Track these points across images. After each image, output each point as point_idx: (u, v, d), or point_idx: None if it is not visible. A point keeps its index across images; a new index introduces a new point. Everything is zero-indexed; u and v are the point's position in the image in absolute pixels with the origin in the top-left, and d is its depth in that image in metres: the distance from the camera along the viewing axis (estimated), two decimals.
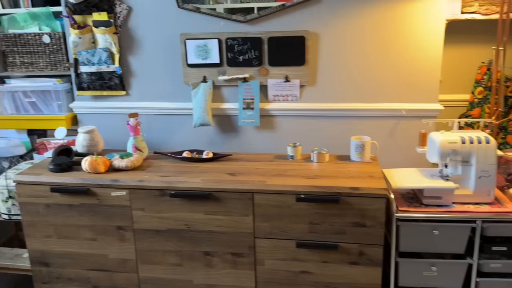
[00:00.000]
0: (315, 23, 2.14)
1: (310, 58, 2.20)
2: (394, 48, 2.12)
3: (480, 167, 1.82)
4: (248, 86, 2.27)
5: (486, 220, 1.77)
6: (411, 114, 2.18)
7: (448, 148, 1.83)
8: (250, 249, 1.92)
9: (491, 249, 1.80)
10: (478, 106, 2.28)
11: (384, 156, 2.23)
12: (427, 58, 2.11)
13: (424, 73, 2.13)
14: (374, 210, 1.78)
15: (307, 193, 1.81)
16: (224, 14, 2.19)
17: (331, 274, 1.89)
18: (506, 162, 2.01)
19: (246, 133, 2.36)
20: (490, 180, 1.83)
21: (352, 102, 2.23)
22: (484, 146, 1.82)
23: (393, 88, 2.18)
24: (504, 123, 2.29)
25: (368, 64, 2.17)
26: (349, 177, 1.90)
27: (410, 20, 2.08)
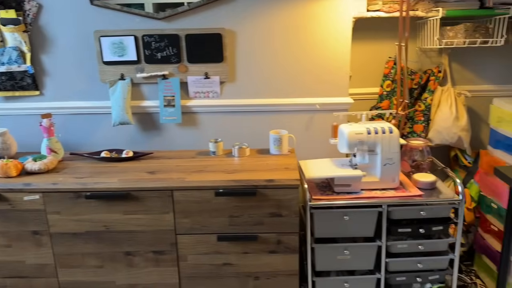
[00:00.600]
0: (231, 21, 2.19)
1: (228, 55, 2.24)
2: (306, 45, 2.22)
3: (385, 155, 1.95)
4: (168, 83, 2.27)
5: (392, 204, 1.91)
6: (324, 108, 2.29)
7: (355, 139, 1.95)
8: (172, 246, 1.94)
9: (397, 231, 1.95)
10: (387, 98, 2.44)
11: (301, 148, 2.33)
12: (337, 54, 2.23)
13: (335, 69, 2.25)
14: (289, 200, 1.86)
15: (225, 187, 1.86)
16: (138, 10, 2.17)
17: (252, 264, 1.95)
18: (411, 150, 2.17)
19: (168, 130, 2.36)
20: (394, 167, 1.97)
21: (270, 97, 2.31)
22: (387, 136, 1.96)
23: (307, 83, 2.28)
24: (410, 113, 2.47)
25: (283, 60, 2.25)
26: (266, 170, 1.97)
27: (319, 18, 2.18)
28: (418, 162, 2.15)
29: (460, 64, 2.51)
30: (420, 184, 2.00)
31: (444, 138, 2.41)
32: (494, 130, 2.29)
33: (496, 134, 2.28)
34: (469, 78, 2.53)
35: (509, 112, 2.13)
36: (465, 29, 2.21)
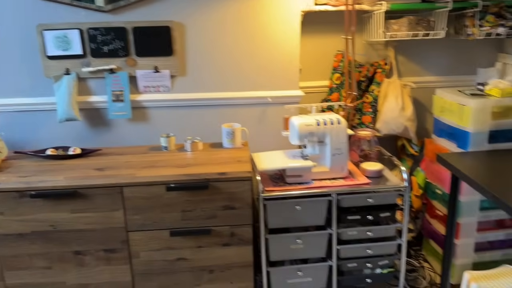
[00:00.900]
0: (180, 13, 2.16)
1: (178, 48, 2.22)
2: (256, 38, 2.23)
3: (334, 145, 2.01)
4: (116, 78, 2.22)
5: (341, 193, 1.97)
6: (276, 101, 2.32)
7: (305, 130, 1.98)
8: (123, 243, 1.90)
9: (347, 219, 2.01)
10: (336, 91, 2.50)
11: (254, 141, 2.35)
12: (287, 48, 2.25)
13: (285, 62, 2.28)
14: (241, 192, 1.88)
15: (177, 182, 1.84)
16: (83, 3, 2.10)
17: (206, 258, 1.95)
18: (359, 140, 2.24)
19: (118, 126, 2.31)
20: (342, 157, 2.03)
21: (223, 91, 2.31)
22: (336, 127, 2.01)
23: (259, 76, 2.30)
24: (359, 105, 2.54)
25: (234, 54, 2.25)
26: (219, 163, 1.97)
27: (269, 12, 2.20)
28: (366, 152, 2.22)
29: (405, 57, 2.60)
30: (367, 172, 2.07)
31: (391, 128, 2.50)
32: (437, 120, 2.40)
33: (439, 123, 2.39)
34: (414, 70, 2.63)
35: (451, 102, 2.24)
36: (408, 22, 2.29)
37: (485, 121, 2.10)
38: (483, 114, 2.09)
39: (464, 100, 2.13)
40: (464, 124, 2.14)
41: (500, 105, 2.09)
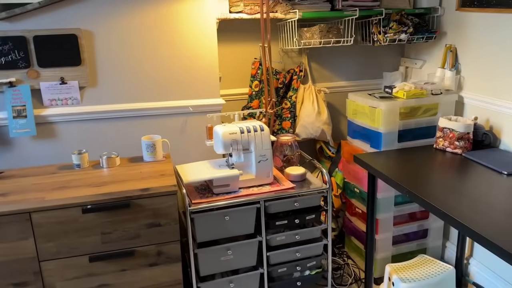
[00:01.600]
0: (88, 20, 2.01)
1: (87, 57, 2.06)
2: (174, 46, 2.16)
3: (258, 152, 2.00)
4: (16, 92, 1.99)
5: (268, 199, 1.97)
6: (198, 110, 2.26)
7: (229, 138, 1.95)
8: (36, 275, 1.70)
9: (275, 224, 2.02)
10: (256, 98, 2.52)
11: (177, 152, 2.26)
12: (205, 56, 2.21)
13: (205, 70, 2.23)
14: (167, 207, 1.78)
15: (94, 202, 1.70)
16: None
17: (131, 281, 1.82)
18: (281, 145, 2.27)
19: (21, 145, 2.08)
20: (267, 163, 2.03)
21: (141, 101, 2.19)
22: (259, 134, 2.01)
23: (179, 86, 2.22)
24: (278, 111, 2.59)
25: (151, 62, 2.15)
26: (140, 179, 1.86)
27: (184, 19, 2.14)
28: (288, 157, 2.25)
29: (318, 63, 2.71)
30: (291, 177, 2.10)
31: (310, 132, 2.58)
32: (351, 122, 2.53)
33: (353, 125, 2.51)
34: (327, 76, 2.74)
35: (362, 105, 2.37)
36: (319, 30, 2.38)
37: (394, 122, 2.25)
38: (392, 115, 2.24)
39: (375, 103, 2.27)
40: (376, 125, 2.27)
41: (406, 106, 2.26)
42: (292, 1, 2.33)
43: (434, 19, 2.49)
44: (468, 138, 2.08)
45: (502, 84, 2.10)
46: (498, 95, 2.13)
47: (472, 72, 2.29)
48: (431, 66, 2.58)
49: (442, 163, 2.00)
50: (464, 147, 2.08)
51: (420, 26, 2.46)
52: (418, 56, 2.69)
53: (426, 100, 2.29)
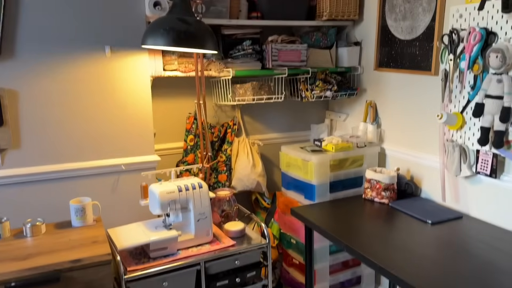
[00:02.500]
0: (11, 80, 1.90)
1: (10, 118, 1.92)
2: (106, 104, 2.10)
3: (197, 210, 1.97)
4: None
5: (208, 260, 1.93)
6: (131, 168, 2.19)
7: (167, 198, 1.91)
8: None
9: (216, 286, 1.97)
10: (191, 152, 2.50)
11: (108, 214, 2.15)
12: (139, 113, 2.18)
13: (139, 127, 2.19)
14: (101, 278, 1.67)
15: (19, 279, 1.54)
16: None
17: None
18: (219, 201, 2.26)
19: None
20: (207, 221, 2.01)
21: (68, 162, 2.07)
22: (198, 191, 1.98)
23: (111, 144, 2.15)
24: (214, 165, 2.59)
25: (81, 121, 2.07)
26: (70, 248, 1.72)
27: (118, 78, 2.10)
28: (227, 212, 2.25)
29: (251, 117, 2.78)
30: (231, 233, 2.09)
31: (245, 185, 2.61)
32: (284, 173, 2.60)
33: (286, 177, 2.59)
34: (260, 128, 2.83)
35: (294, 158, 2.46)
36: (252, 87, 2.47)
37: (325, 174, 2.36)
38: (323, 168, 2.35)
39: (307, 156, 2.37)
40: (309, 177, 2.36)
41: (335, 158, 2.39)
42: (225, 60, 2.40)
43: (355, 77, 2.71)
44: (393, 189, 2.24)
45: (418, 137, 2.32)
46: (415, 147, 2.34)
47: (391, 126, 2.51)
48: (354, 119, 2.77)
49: (372, 213, 2.13)
50: (390, 197, 2.23)
51: (343, 83, 2.66)
52: (341, 110, 2.89)
53: (353, 153, 2.44)
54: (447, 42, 2.00)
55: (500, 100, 1.77)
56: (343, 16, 2.54)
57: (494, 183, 1.91)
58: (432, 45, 2.14)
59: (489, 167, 1.90)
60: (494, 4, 1.81)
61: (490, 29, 1.84)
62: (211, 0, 2.29)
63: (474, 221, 1.98)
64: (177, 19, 1.84)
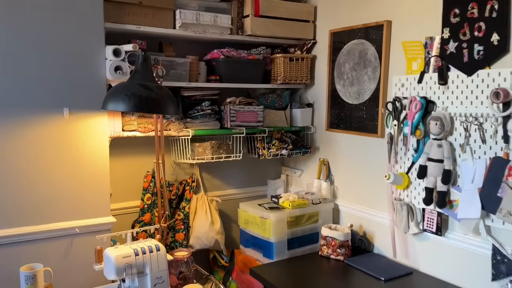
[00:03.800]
0: None
1: None
2: (64, 166, 2.07)
3: (154, 275, 1.93)
4: None
5: None
6: (85, 231, 2.13)
7: (123, 263, 1.85)
8: None
9: None
10: (148, 211, 2.48)
11: (61, 281, 2.05)
12: (97, 173, 2.16)
13: (95, 188, 2.16)
14: None
15: None
16: None
17: None
18: (177, 262, 2.23)
19: None
20: (164, 285, 1.96)
21: (16, 226, 1.99)
22: (155, 254, 1.95)
23: (66, 206, 2.09)
24: (172, 223, 2.57)
25: (37, 184, 2.01)
26: None
27: (78, 138, 2.09)
28: (184, 274, 2.21)
29: (209, 174, 2.82)
30: None
31: (203, 243, 2.59)
32: (243, 231, 2.62)
33: (245, 234, 2.61)
34: (218, 185, 2.86)
35: (253, 215, 2.50)
36: (211, 146, 2.53)
37: (283, 231, 2.41)
38: (281, 225, 2.40)
39: (265, 213, 2.42)
40: (267, 235, 2.40)
41: (292, 215, 2.45)
42: (185, 120, 2.46)
43: (308, 136, 2.85)
44: (348, 245, 2.32)
45: (368, 195, 2.45)
46: (366, 204, 2.46)
47: (343, 183, 2.63)
48: (308, 175, 2.88)
49: (329, 270, 2.18)
50: (345, 254, 2.30)
51: (297, 142, 2.78)
52: (296, 166, 3.00)
53: (309, 209, 2.52)
54: (391, 108, 2.18)
55: (441, 163, 1.93)
56: (296, 81, 2.71)
57: (440, 240, 2.04)
58: (377, 110, 2.32)
59: (434, 225, 2.03)
60: (432, 77, 2.02)
61: (429, 98, 2.03)
62: (171, 64, 2.37)
63: (423, 276, 2.08)
64: (139, 84, 1.89)
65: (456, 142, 1.92)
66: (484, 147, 1.81)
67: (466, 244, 1.92)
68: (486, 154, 1.80)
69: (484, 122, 1.80)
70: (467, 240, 1.92)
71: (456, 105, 1.92)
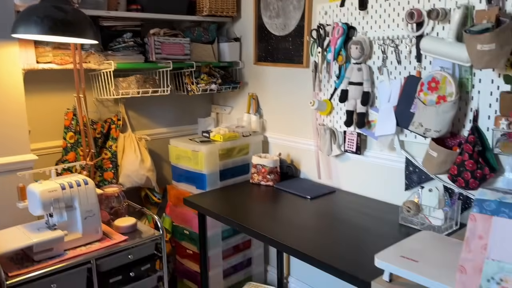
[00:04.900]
0: None
1: None
2: None
3: (84, 208, 1.89)
4: None
5: (99, 257, 1.86)
6: (5, 169, 2.00)
7: (49, 197, 1.79)
8: None
9: (109, 283, 1.91)
10: (72, 150, 2.37)
11: None
12: (11, 109, 2.00)
13: (11, 125, 2.01)
14: None
15: None
16: None
17: None
18: (107, 198, 2.19)
19: None
20: (95, 219, 1.93)
21: None
22: (83, 188, 1.90)
23: None
24: (98, 162, 2.49)
25: None
26: None
27: None
28: (116, 209, 2.19)
29: (135, 112, 2.74)
30: (122, 229, 2.04)
31: (134, 181, 2.56)
32: (174, 166, 2.62)
33: (177, 170, 2.61)
34: (146, 123, 2.80)
35: (184, 150, 2.50)
36: (136, 80, 2.44)
37: (215, 163, 2.45)
38: (213, 157, 2.43)
39: (196, 147, 2.43)
40: (200, 167, 2.42)
41: (223, 148, 2.49)
42: (105, 53, 2.33)
43: (237, 71, 2.85)
44: (277, 172, 2.43)
45: (295, 124, 2.55)
46: (293, 133, 2.56)
47: (272, 115, 2.70)
48: (238, 111, 2.91)
49: (259, 195, 2.28)
50: (275, 179, 2.41)
51: (226, 77, 2.78)
52: (226, 103, 3.01)
53: (239, 142, 2.57)
54: (315, 36, 2.24)
55: (360, 86, 2.05)
56: (222, 12, 2.66)
57: (359, 159, 2.21)
58: (303, 40, 2.37)
59: (354, 145, 2.19)
60: (353, 2, 2.10)
61: (351, 24, 2.12)
62: None
63: (345, 194, 2.26)
64: (53, 6, 1.74)
65: (375, 65, 2.04)
66: (400, 67, 1.95)
67: (383, 160, 2.10)
68: (401, 74, 1.94)
69: (400, 44, 1.93)
70: (383, 156, 2.10)
71: (375, 29, 2.02)
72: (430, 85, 1.72)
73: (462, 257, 1.11)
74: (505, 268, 1.04)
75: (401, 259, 1.27)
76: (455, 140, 1.74)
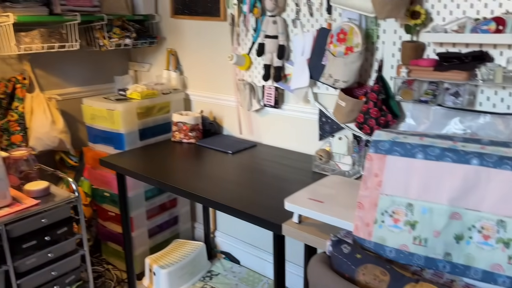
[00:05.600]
0: None
1: None
2: None
3: None
4: None
5: (8, 222, 1.76)
6: None
7: None
8: None
9: (22, 248, 1.82)
10: None
11: None
12: None
13: None
14: None
15: None
16: None
17: None
18: (15, 162, 2.05)
19: None
20: (2, 184, 1.80)
21: None
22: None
23: None
24: (4, 124, 2.31)
25: None
26: None
27: None
28: (26, 173, 2.06)
29: (43, 70, 2.54)
30: (33, 193, 1.94)
31: (46, 144, 2.41)
32: (90, 127, 2.50)
33: (92, 130, 2.49)
34: (56, 82, 2.61)
35: (99, 109, 2.38)
36: (40, 35, 2.25)
37: (133, 122, 2.37)
38: (130, 116, 2.35)
39: (111, 105, 2.32)
40: (116, 127, 2.33)
41: (141, 106, 2.41)
42: (3, 4, 2.11)
43: (154, 25, 2.73)
44: (199, 129, 2.41)
45: (216, 81, 2.52)
46: (215, 90, 2.54)
47: (192, 72, 2.65)
48: (157, 68, 2.82)
49: (181, 152, 2.26)
50: (197, 137, 2.40)
51: (142, 32, 2.65)
52: (144, 60, 2.89)
53: (159, 99, 2.50)
54: None
55: (276, 39, 2.06)
56: None
57: (278, 112, 2.26)
58: None
59: (273, 99, 2.22)
60: None
61: None
62: None
63: (266, 147, 2.31)
64: None
65: (289, 18, 2.05)
66: (312, 20, 1.98)
67: (299, 113, 2.17)
68: (314, 27, 1.98)
69: None
70: (299, 109, 2.16)
71: None
72: (339, 37, 1.77)
73: (360, 194, 1.20)
74: (396, 202, 1.14)
75: (308, 201, 1.34)
76: (362, 90, 1.83)
